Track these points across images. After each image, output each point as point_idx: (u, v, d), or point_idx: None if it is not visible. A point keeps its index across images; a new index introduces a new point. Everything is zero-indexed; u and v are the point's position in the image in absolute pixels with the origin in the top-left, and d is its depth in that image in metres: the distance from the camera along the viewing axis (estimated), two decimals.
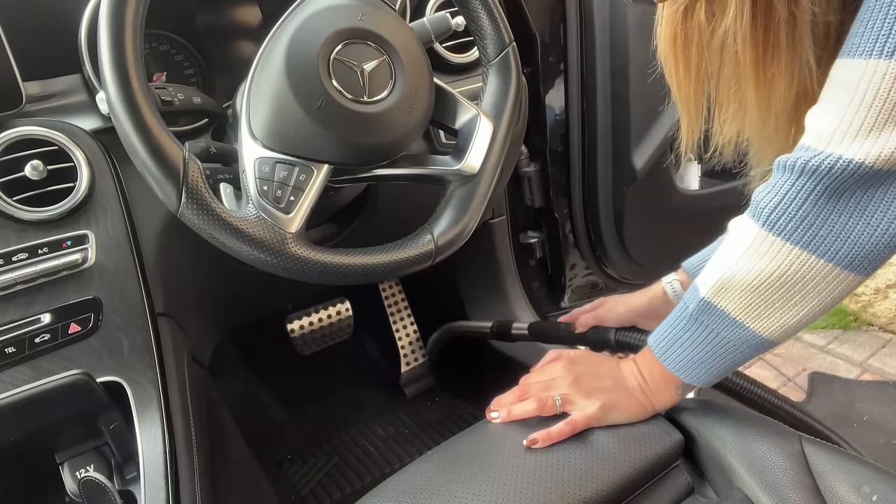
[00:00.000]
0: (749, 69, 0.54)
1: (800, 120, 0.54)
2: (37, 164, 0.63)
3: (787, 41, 0.52)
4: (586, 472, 0.58)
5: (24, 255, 0.62)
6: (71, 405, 0.62)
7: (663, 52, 0.59)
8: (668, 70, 0.60)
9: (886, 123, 0.45)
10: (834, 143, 0.47)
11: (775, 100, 0.56)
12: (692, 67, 0.58)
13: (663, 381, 0.63)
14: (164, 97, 0.64)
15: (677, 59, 0.58)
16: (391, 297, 1.33)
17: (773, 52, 0.53)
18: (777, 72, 0.54)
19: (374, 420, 1.23)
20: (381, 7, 0.64)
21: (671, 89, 0.62)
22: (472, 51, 0.93)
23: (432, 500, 0.57)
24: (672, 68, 0.60)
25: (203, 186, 0.55)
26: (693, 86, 0.60)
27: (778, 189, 0.51)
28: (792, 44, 0.52)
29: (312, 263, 0.58)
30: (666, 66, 0.60)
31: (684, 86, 0.60)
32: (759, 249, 0.52)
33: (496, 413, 0.65)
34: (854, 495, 0.55)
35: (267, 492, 0.98)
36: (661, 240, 1.22)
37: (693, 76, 0.59)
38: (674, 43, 0.58)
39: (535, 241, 1.22)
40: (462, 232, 0.66)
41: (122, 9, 0.53)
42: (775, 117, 0.57)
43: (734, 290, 0.55)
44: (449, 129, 0.70)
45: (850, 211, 0.48)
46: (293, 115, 0.58)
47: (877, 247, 0.49)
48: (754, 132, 0.61)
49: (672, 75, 0.60)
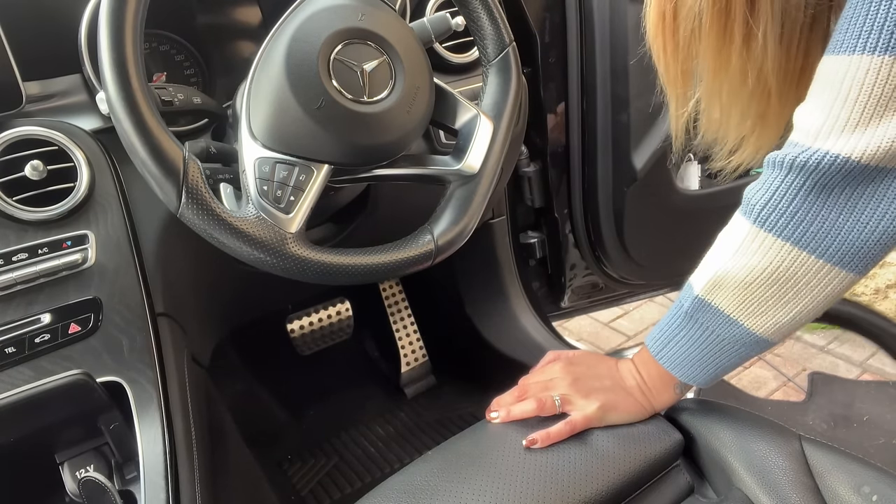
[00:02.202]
0: (710, 39, 0.55)
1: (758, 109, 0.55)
2: (37, 164, 0.63)
3: (743, 22, 0.52)
4: (586, 473, 0.58)
5: (24, 255, 0.62)
6: (71, 405, 0.61)
7: (651, 33, 0.59)
8: (657, 51, 0.60)
9: (872, 118, 0.45)
10: (821, 138, 0.48)
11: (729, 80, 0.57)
12: (679, 48, 0.58)
13: (661, 380, 0.63)
14: (164, 97, 0.64)
15: (665, 40, 0.58)
16: (391, 297, 1.33)
17: (728, 31, 0.53)
18: (733, 50, 0.54)
19: (374, 420, 1.23)
20: (381, 7, 0.64)
21: (659, 71, 0.62)
22: (472, 51, 0.93)
23: (432, 499, 0.57)
24: (660, 49, 0.60)
25: (203, 186, 0.55)
26: (680, 67, 0.60)
27: (768, 185, 0.51)
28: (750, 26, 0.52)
29: (312, 263, 0.58)
30: (654, 48, 0.60)
31: (672, 68, 0.60)
32: (752, 246, 0.53)
33: (496, 413, 0.66)
34: (854, 495, 0.55)
35: (267, 492, 0.98)
36: (661, 240, 1.22)
37: (681, 57, 0.59)
38: (661, 23, 0.58)
39: (535, 241, 1.22)
40: (462, 232, 0.66)
41: (122, 9, 0.53)
42: (730, 91, 0.58)
43: (728, 287, 0.55)
44: (449, 129, 0.70)
45: (839, 207, 0.49)
46: (293, 115, 0.58)
47: (867, 243, 0.49)
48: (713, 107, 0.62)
49: (660, 57, 0.60)
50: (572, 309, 1.34)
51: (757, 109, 0.59)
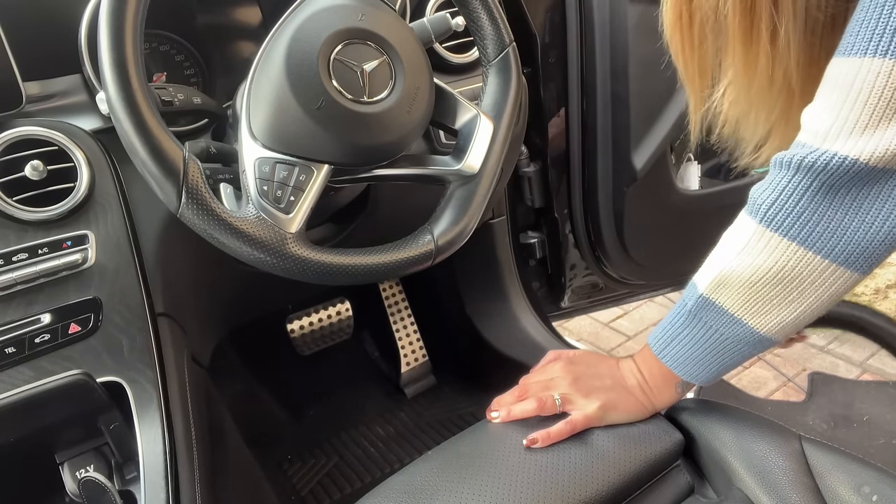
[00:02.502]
0: (737, 38, 0.55)
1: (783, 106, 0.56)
2: (37, 165, 0.63)
3: (769, 20, 0.53)
4: (586, 472, 0.58)
5: (24, 256, 0.62)
6: (71, 405, 0.61)
7: (668, 30, 0.60)
8: (674, 49, 0.61)
9: (881, 121, 0.45)
10: (830, 139, 0.48)
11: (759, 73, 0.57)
12: (696, 45, 0.59)
13: (662, 379, 0.63)
14: (164, 97, 0.64)
15: (683, 38, 0.59)
16: (391, 297, 1.33)
17: (755, 29, 0.54)
18: (760, 49, 0.55)
19: (374, 420, 1.23)
20: (380, 7, 0.64)
21: (678, 68, 0.63)
22: (472, 51, 0.93)
23: (432, 499, 0.57)
24: (678, 47, 0.60)
25: (203, 186, 0.55)
26: (698, 63, 0.60)
27: (775, 186, 0.51)
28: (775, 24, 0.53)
29: (312, 263, 0.58)
30: (671, 45, 0.61)
31: (690, 65, 0.61)
32: (757, 245, 0.53)
33: (496, 413, 0.66)
34: (854, 495, 0.55)
35: (267, 492, 0.98)
36: (661, 240, 1.22)
37: (698, 54, 0.59)
38: (679, 21, 0.58)
39: (535, 241, 1.22)
40: (462, 232, 0.66)
41: (122, 9, 0.53)
42: (758, 88, 0.58)
43: (732, 286, 0.55)
44: (449, 129, 0.70)
45: (846, 208, 0.49)
46: (293, 116, 0.58)
47: (872, 244, 0.49)
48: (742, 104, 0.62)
49: (678, 54, 0.61)
50: (572, 309, 1.34)
51: (782, 107, 0.59)
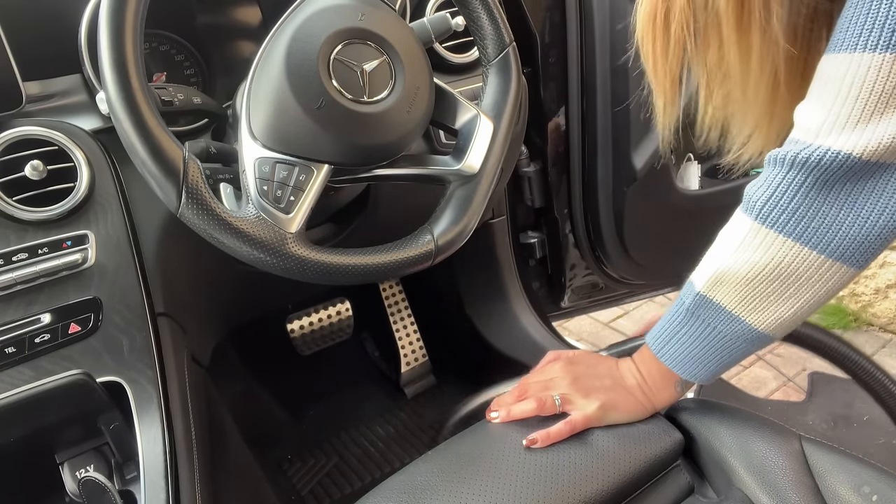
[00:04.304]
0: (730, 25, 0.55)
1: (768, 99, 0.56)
2: (37, 164, 0.63)
3: (760, 17, 0.53)
4: (586, 472, 0.58)
5: (24, 255, 0.62)
6: (71, 405, 0.62)
7: (641, 30, 0.60)
8: (645, 49, 0.61)
9: (873, 115, 0.45)
10: (822, 135, 0.48)
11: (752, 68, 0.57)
12: (670, 45, 0.58)
13: (662, 378, 0.63)
14: (164, 97, 0.64)
15: (655, 38, 0.59)
16: (391, 297, 1.33)
17: (747, 24, 0.54)
18: (752, 37, 0.55)
19: (374, 420, 1.23)
20: (380, 7, 0.64)
21: (646, 69, 0.63)
22: (472, 51, 0.93)
23: (432, 499, 0.57)
24: (649, 46, 0.60)
25: (203, 186, 0.55)
26: (670, 64, 0.60)
27: (770, 182, 0.52)
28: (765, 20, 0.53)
29: (312, 263, 0.58)
30: (643, 46, 0.61)
31: (661, 65, 0.61)
32: (753, 242, 0.53)
33: (496, 413, 0.66)
34: (854, 495, 0.55)
35: (267, 492, 0.98)
36: (661, 240, 1.22)
37: (670, 55, 0.59)
38: (653, 21, 0.58)
39: (535, 241, 1.22)
40: (462, 232, 0.66)
41: (122, 9, 0.53)
42: (755, 85, 0.59)
43: (729, 283, 0.55)
44: (449, 129, 0.70)
45: (840, 202, 0.49)
46: (293, 115, 0.58)
47: (867, 238, 0.49)
48: (737, 98, 0.62)
49: (648, 54, 0.61)
50: (572, 309, 1.34)
51: (768, 101, 0.60)
